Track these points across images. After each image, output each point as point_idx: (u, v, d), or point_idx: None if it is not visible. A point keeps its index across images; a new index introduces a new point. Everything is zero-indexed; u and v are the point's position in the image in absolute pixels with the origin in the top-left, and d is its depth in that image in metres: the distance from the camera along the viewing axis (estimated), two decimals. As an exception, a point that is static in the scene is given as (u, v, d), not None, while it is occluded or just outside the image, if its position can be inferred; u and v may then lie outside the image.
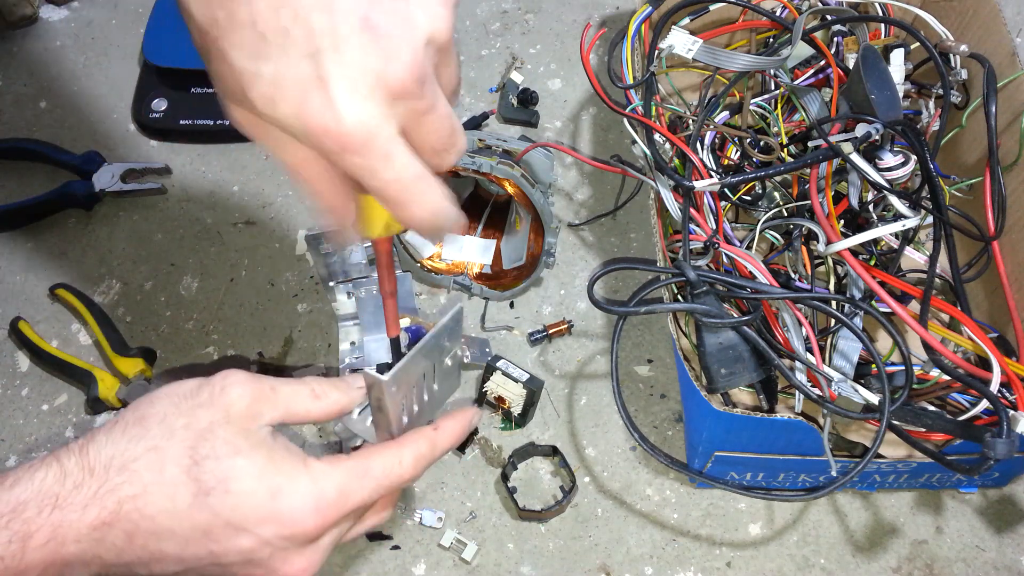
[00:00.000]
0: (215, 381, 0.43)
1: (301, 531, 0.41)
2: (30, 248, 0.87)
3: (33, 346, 0.78)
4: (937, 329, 0.61)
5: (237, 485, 0.40)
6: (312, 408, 0.45)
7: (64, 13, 1.04)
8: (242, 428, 0.42)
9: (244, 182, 0.90)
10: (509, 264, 0.81)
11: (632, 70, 0.70)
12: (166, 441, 0.40)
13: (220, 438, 0.41)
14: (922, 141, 0.62)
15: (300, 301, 0.82)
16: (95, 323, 0.78)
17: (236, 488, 0.40)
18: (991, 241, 0.65)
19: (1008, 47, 0.68)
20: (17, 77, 0.98)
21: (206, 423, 0.41)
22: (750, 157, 0.70)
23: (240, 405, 0.42)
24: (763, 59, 0.67)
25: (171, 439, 0.41)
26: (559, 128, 0.91)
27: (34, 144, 0.91)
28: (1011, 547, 0.68)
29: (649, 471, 0.72)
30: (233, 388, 0.42)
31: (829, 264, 0.65)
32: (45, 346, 0.78)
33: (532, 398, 0.71)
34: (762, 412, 0.63)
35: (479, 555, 0.68)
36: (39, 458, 0.40)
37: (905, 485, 0.68)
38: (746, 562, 0.67)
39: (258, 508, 0.40)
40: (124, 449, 0.40)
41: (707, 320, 0.59)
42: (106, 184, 0.87)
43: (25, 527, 0.38)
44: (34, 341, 0.78)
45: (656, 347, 0.78)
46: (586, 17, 0.99)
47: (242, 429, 0.42)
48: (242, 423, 0.42)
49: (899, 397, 0.56)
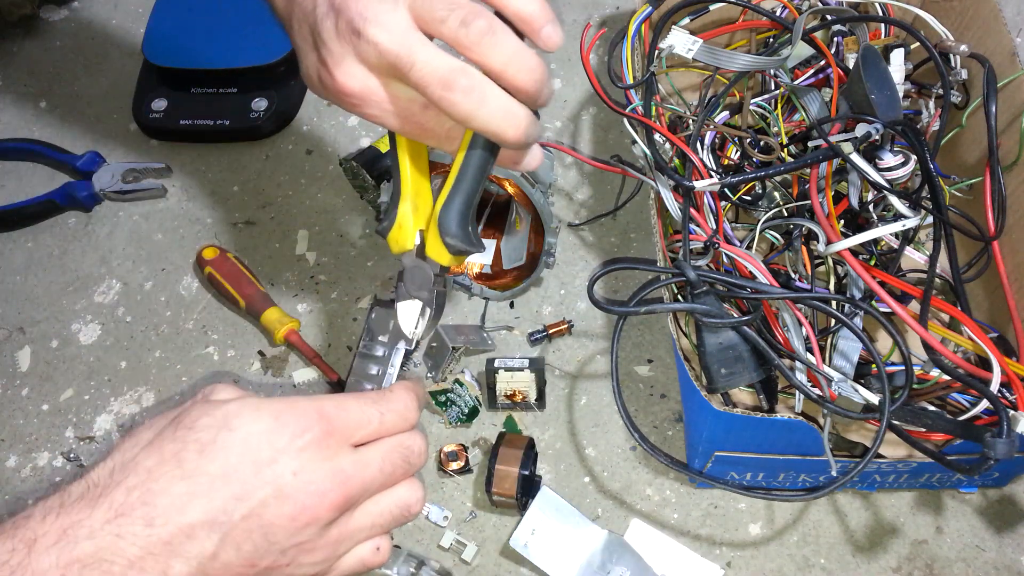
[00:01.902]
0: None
1: (313, 436, 0.42)
2: (30, 248, 0.87)
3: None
4: (937, 329, 0.61)
5: (237, 422, 0.41)
6: None
7: (64, 13, 1.04)
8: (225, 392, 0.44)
9: (244, 182, 0.90)
10: (509, 264, 0.81)
11: (632, 70, 0.70)
12: (156, 433, 0.42)
13: (206, 402, 0.43)
14: (922, 141, 0.62)
15: (300, 301, 0.82)
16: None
17: (237, 424, 0.41)
18: (991, 241, 0.65)
19: (1008, 47, 0.68)
20: (17, 77, 0.99)
21: (188, 404, 0.43)
22: (750, 157, 0.69)
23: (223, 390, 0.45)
24: (763, 59, 0.67)
25: (160, 432, 0.42)
26: (559, 128, 0.91)
27: (34, 144, 0.91)
28: (1011, 547, 0.68)
29: (649, 471, 0.72)
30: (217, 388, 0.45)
31: (829, 264, 0.65)
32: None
33: (541, 377, 0.72)
34: (762, 412, 0.63)
35: (479, 555, 0.68)
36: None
37: (905, 485, 0.68)
38: (746, 562, 0.67)
39: (265, 435, 0.41)
40: (120, 459, 0.41)
41: (707, 320, 0.59)
42: (106, 184, 0.88)
43: (30, 533, 0.38)
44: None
45: (656, 347, 0.78)
46: (586, 17, 0.99)
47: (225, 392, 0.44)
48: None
49: (899, 397, 0.56)
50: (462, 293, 0.81)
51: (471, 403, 0.74)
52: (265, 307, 0.78)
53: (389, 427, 0.45)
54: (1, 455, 0.75)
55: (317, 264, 0.84)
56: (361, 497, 0.44)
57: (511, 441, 0.69)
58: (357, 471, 0.43)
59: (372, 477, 0.44)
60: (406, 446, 0.46)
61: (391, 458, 0.45)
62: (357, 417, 0.44)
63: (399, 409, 0.46)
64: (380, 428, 0.45)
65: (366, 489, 0.44)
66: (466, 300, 0.81)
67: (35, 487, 0.74)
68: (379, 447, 0.45)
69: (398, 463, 0.45)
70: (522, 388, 0.72)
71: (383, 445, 0.45)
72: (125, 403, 0.77)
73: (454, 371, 0.76)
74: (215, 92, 0.92)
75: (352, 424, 0.44)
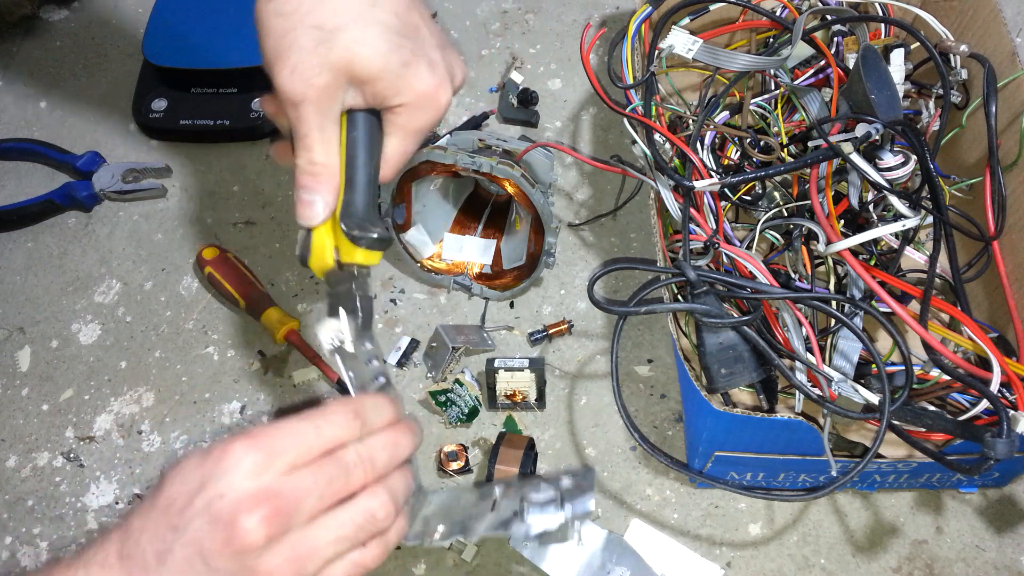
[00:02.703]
0: None
1: (238, 459, 0.41)
2: (30, 248, 0.87)
3: None
4: (937, 329, 0.61)
5: (180, 465, 0.42)
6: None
7: (64, 13, 1.04)
8: None
9: (244, 182, 0.90)
10: (509, 264, 0.81)
11: (632, 70, 0.70)
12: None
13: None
14: (922, 141, 0.62)
15: (300, 301, 0.82)
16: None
17: (179, 466, 0.42)
18: (991, 241, 0.65)
19: (1008, 47, 0.68)
20: (17, 77, 0.99)
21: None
22: (750, 157, 0.70)
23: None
24: (763, 59, 0.67)
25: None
26: (559, 128, 0.91)
27: (34, 144, 0.91)
28: (1011, 547, 0.68)
29: (649, 471, 0.72)
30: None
31: (829, 264, 0.65)
32: None
33: (541, 377, 0.72)
34: (762, 412, 0.63)
35: (479, 555, 0.68)
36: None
37: (905, 485, 0.68)
38: (746, 562, 0.67)
39: (196, 467, 0.42)
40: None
41: (707, 320, 0.59)
42: (106, 184, 0.88)
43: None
44: None
45: (656, 347, 0.78)
46: (586, 17, 0.99)
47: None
48: None
49: (899, 397, 0.56)
50: (462, 293, 0.81)
51: (471, 403, 0.74)
52: (265, 307, 0.78)
53: (328, 441, 0.44)
54: (1, 455, 0.75)
55: (317, 264, 0.84)
56: (299, 512, 0.42)
57: (511, 441, 0.69)
58: (287, 486, 0.42)
59: (305, 490, 0.42)
60: (348, 459, 0.44)
61: (327, 470, 0.43)
62: (287, 435, 0.43)
63: (337, 422, 0.44)
64: (318, 443, 0.43)
65: (299, 502, 0.42)
66: (466, 300, 0.81)
67: (35, 487, 0.74)
68: (315, 462, 0.43)
69: (337, 475, 0.43)
70: (522, 388, 0.72)
71: (321, 460, 0.43)
72: (125, 403, 0.77)
73: (454, 371, 0.76)
74: (215, 92, 0.92)
75: (281, 444, 0.42)
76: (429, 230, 0.81)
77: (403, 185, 0.75)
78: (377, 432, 0.46)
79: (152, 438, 0.75)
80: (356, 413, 0.45)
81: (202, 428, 0.76)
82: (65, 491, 0.73)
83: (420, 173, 0.74)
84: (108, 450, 0.75)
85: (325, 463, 0.43)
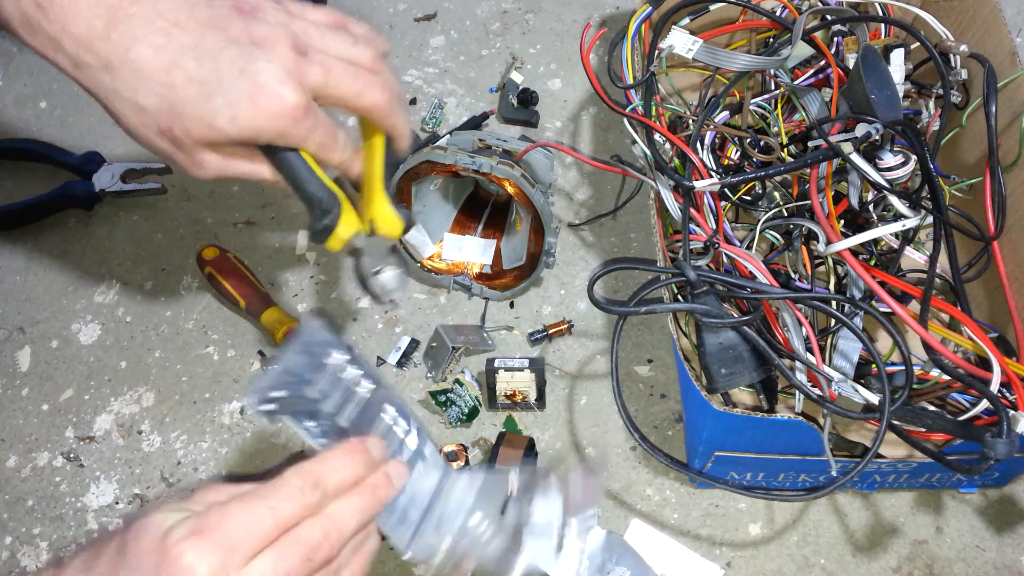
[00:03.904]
0: None
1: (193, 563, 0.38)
2: (30, 248, 0.87)
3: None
4: (937, 329, 0.61)
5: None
6: None
7: (64, 13, 1.04)
8: None
9: (244, 182, 0.90)
10: (509, 264, 0.81)
11: (632, 70, 0.70)
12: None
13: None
14: (922, 141, 0.62)
15: (300, 301, 0.82)
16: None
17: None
18: (991, 241, 0.65)
19: (1008, 47, 0.68)
20: (17, 77, 0.98)
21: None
22: (750, 157, 0.70)
23: None
24: (763, 59, 0.67)
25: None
26: (559, 128, 0.91)
27: (34, 144, 0.91)
28: (1011, 547, 0.68)
29: (649, 471, 0.72)
30: None
31: (829, 264, 0.65)
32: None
33: (541, 377, 0.72)
34: (762, 412, 0.63)
35: (479, 555, 0.68)
36: None
37: (905, 485, 0.68)
38: (746, 562, 0.67)
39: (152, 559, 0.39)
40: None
41: (707, 320, 0.59)
42: (106, 184, 0.87)
43: None
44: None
45: (656, 347, 0.78)
46: (586, 17, 0.99)
47: None
48: None
49: (899, 397, 0.56)
50: (462, 293, 0.81)
51: (471, 403, 0.74)
52: (265, 307, 0.78)
53: (286, 521, 0.40)
54: (1, 455, 0.75)
55: (317, 264, 0.84)
56: None
57: (511, 441, 0.69)
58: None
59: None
60: (310, 536, 0.41)
61: (289, 555, 0.40)
62: (240, 523, 0.39)
63: (293, 497, 0.40)
64: (275, 524, 0.40)
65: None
66: (466, 300, 0.81)
67: (35, 487, 0.74)
68: (275, 544, 0.40)
69: (299, 558, 0.40)
70: (522, 388, 0.72)
71: (282, 541, 0.40)
72: (125, 403, 0.77)
73: (454, 371, 0.76)
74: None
75: (235, 535, 0.38)
76: (429, 230, 0.81)
77: (403, 185, 0.75)
78: (342, 497, 0.42)
79: (152, 438, 0.75)
80: (315, 483, 0.41)
81: (202, 428, 0.76)
82: (65, 491, 0.73)
83: (420, 173, 0.74)
84: (108, 450, 0.75)
85: (287, 546, 0.40)
